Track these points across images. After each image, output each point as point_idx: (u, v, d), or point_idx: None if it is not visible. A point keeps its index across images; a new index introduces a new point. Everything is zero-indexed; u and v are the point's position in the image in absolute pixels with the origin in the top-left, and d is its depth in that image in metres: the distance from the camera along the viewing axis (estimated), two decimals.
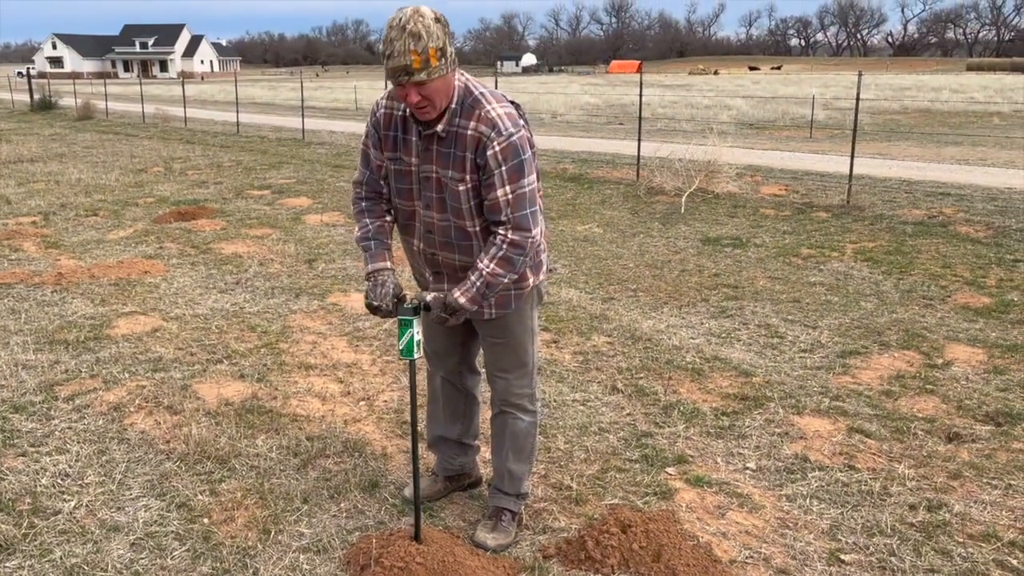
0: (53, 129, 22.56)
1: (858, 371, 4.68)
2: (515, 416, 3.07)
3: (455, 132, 2.62)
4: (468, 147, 2.60)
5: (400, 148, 2.74)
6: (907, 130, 22.37)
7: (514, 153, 2.60)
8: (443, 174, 2.67)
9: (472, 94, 2.62)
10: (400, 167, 2.77)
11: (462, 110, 2.61)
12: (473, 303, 2.70)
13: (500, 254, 2.66)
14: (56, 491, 3.42)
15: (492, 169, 2.59)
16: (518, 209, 2.64)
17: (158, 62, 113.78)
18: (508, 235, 2.64)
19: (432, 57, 2.44)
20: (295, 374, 4.70)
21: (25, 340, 5.19)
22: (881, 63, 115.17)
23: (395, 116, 2.75)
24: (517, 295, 2.88)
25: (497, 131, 2.58)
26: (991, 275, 6.64)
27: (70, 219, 9.25)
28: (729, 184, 10.52)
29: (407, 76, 2.44)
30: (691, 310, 5.86)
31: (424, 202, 2.76)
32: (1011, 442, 3.80)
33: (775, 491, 3.44)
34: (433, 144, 2.66)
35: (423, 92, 2.49)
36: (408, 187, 2.78)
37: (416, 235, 2.87)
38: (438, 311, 2.71)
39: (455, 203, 2.68)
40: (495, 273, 2.67)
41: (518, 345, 2.98)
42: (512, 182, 2.61)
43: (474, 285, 2.68)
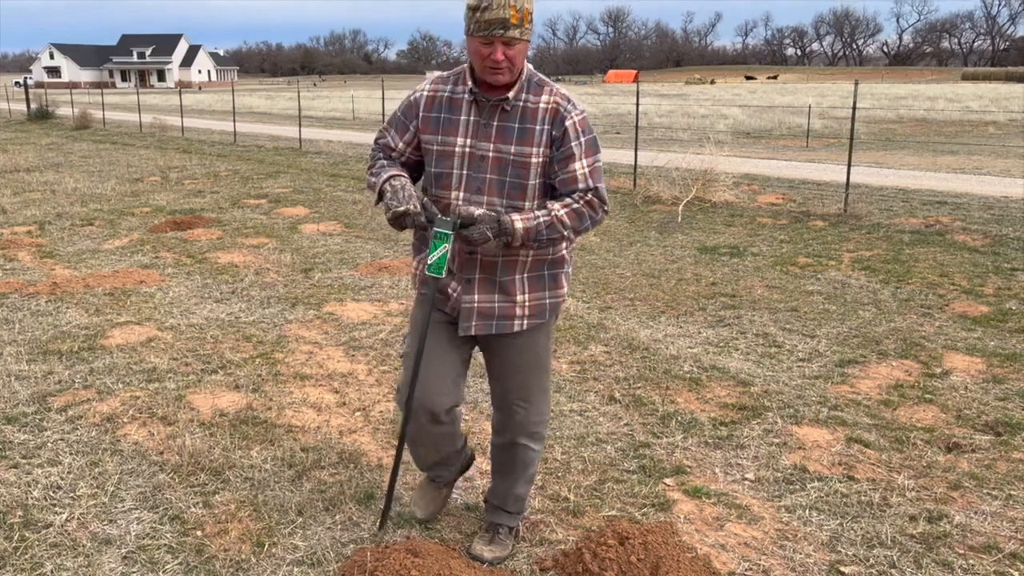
0: (50, 139, 22.54)
1: (856, 380, 4.66)
2: (528, 447, 2.95)
3: (522, 106, 2.57)
4: (542, 119, 2.56)
5: (443, 128, 2.64)
6: (903, 139, 22.43)
7: (589, 128, 2.60)
8: (505, 150, 2.58)
9: (537, 75, 2.63)
10: (443, 148, 2.65)
11: (530, 86, 2.59)
12: (527, 235, 2.54)
13: (575, 205, 2.57)
14: (48, 503, 3.38)
15: (571, 140, 2.55)
16: (598, 180, 2.60)
17: (156, 72, 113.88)
18: (587, 195, 2.58)
19: (527, 18, 2.45)
20: (290, 384, 4.67)
21: (19, 350, 5.16)
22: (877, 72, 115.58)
23: (440, 97, 2.67)
24: (553, 305, 2.79)
25: (573, 104, 2.58)
26: (989, 284, 6.63)
27: (66, 229, 9.22)
28: (726, 193, 10.52)
29: (503, 30, 2.41)
30: (688, 319, 5.84)
31: (473, 187, 2.62)
32: (1011, 452, 3.77)
33: (774, 502, 3.41)
34: (495, 118, 2.59)
35: (508, 53, 2.46)
36: (448, 171, 2.65)
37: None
38: (484, 227, 2.52)
39: (519, 180, 2.58)
40: (561, 219, 2.56)
41: (544, 367, 2.87)
42: (588, 155, 2.58)
43: (538, 218, 2.55)
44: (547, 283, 2.77)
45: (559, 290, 2.80)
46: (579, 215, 2.57)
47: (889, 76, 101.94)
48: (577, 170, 2.56)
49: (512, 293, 2.72)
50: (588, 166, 2.57)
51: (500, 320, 2.74)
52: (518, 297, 2.72)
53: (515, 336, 2.78)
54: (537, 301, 2.75)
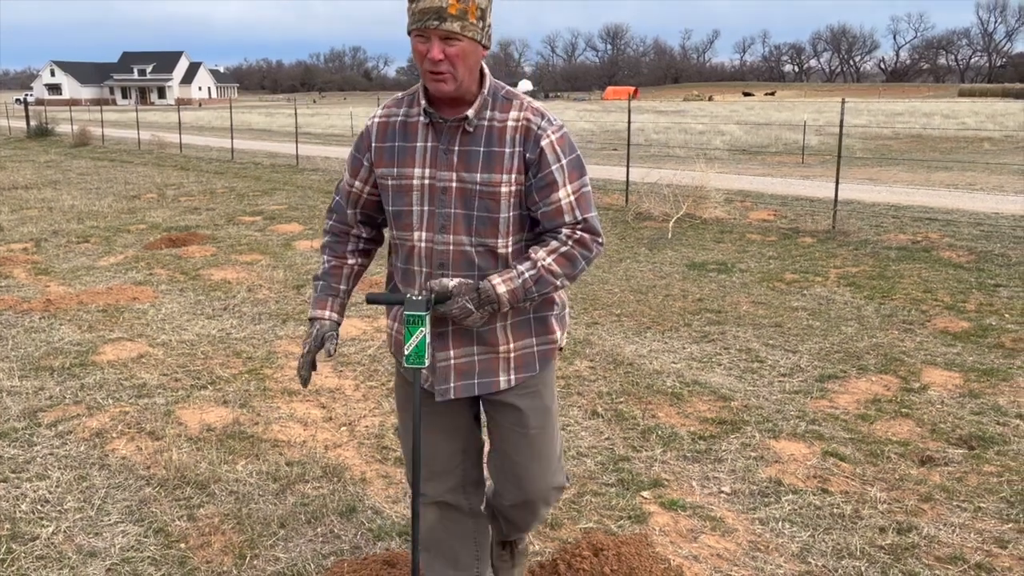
0: (49, 156, 22.68)
1: (835, 395, 4.73)
2: (538, 510, 2.57)
3: (487, 126, 2.20)
4: (512, 140, 2.19)
5: (398, 159, 2.26)
6: (898, 155, 22.57)
7: (570, 146, 2.23)
8: (469, 180, 2.20)
9: (504, 87, 2.26)
10: (399, 181, 2.26)
11: (495, 102, 2.22)
12: (513, 297, 2.20)
13: (563, 249, 2.21)
14: (35, 517, 3.44)
15: (550, 163, 2.18)
16: (587, 210, 2.23)
17: (156, 89, 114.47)
18: (576, 232, 2.22)
19: (471, 12, 2.07)
20: (278, 400, 4.74)
21: (11, 367, 5.23)
22: (874, 89, 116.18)
23: (393, 123, 2.29)
24: (542, 353, 2.38)
25: (548, 120, 2.21)
26: (971, 300, 6.70)
27: (61, 246, 9.30)
28: (717, 210, 10.62)
29: (437, 21, 2.04)
30: (674, 335, 5.91)
31: (438, 225, 2.24)
32: (982, 465, 3.84)
33: (748, 514, 3.47)
34: (455, 143, 2.21)
35: (448, 51, 2.07)
36: (407, 207, 2.26)
37: (416, 280, 2.32)
38: (464, 300, 2.17)
39: (488, 213, 2.21)
40: (551, 269, 2.20)
41: (553, 427, 2.46)
42: (573, 180, 2.21)
43: (521, 275, 2.19)
44: (534, 328, 2.37)
45: (550, 335, 2.40)
46: (570, 259, 2.22)
47: (886, 92, 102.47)
48: (561, 199, 2.20)
49: (494, 343, 2.32)
50: (574, 193, 2.21)
51: (483, 378, 2.35)
52: (501, 347, 2.33)
53: (506, 396, 2.37)
54: (524, 350, 2.35)
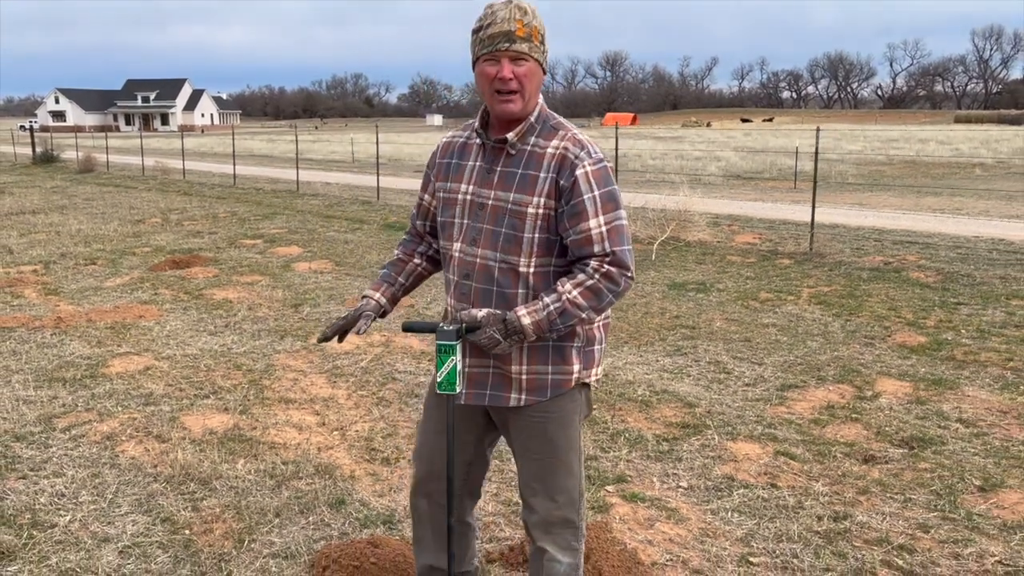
0: (55, 182, 23.16)
1: (793, 402, 5.09)
2: (552, 558, 2.50)
3: (529, 151, 2.32)
4: (548, 166, 2.29)
5: (452, 175, 2.46)
6: (890, 181, 22.98)
7: (606, 179, 2.28)
8: (504, 198, 2.32)
9: (555, 118, 2.38)
10: (448, 195, 2.45)
11: (542, 129, 2.34)
12: (537, 329, 2.26)
13: (589, 282, 2.25)
14: (53, 508, 3.80)
15: (582, 193, 2.25)
16: (617, 243, 2.26)
17: (159, 115, 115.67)
18: (604, 265, 2.25)
19: (535, 35, 2.25)
20: (275, 407, 5.09)
21: (26, 378, 5.59)
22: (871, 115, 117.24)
23: (455, 143, 2.51)
24: (555, 382, 2.40)
25: (588, 152, 2.29)
26: (932, 317, 7.08)
27: (69, 267, 9.69)
28: (700, 233, 11.02)
29: (508, 43, 2.21)
30: (649, 348, 6.28)
31: (470, 237, 2.38)
32: (919, 463, 4.19)
33: (702, 506, 3.81)
34: (498, 163, 2.35)
35: (517, 71, 2.24)
36: (451, 220, 2.43)
37: (449, 288, 2.47)
38: (492, 331, 2.27)
39: (514, 231, 2.30)
40: (576, 302, 2.24)
41: (560, 462, 2.46)
42: (607, 212, 2.26)
43: (547, 307, 2.25)
44: (551, 356, 2.38)
45: (566, 366, 2.40)
46: (596, 293, 2.25)
47: (883, 119, 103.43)
48: (592, 229, 2.25)
49: (507, 362, 2.38)
50: (606, 224, 2.25)
51: (494, 391, 2.43)
52: (513, 367, 2.38)
53: (519, 414, 2.45)
54: (536, 375, 2.39)
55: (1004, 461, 4.20)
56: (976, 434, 4.55)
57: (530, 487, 2.51)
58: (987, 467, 4.13)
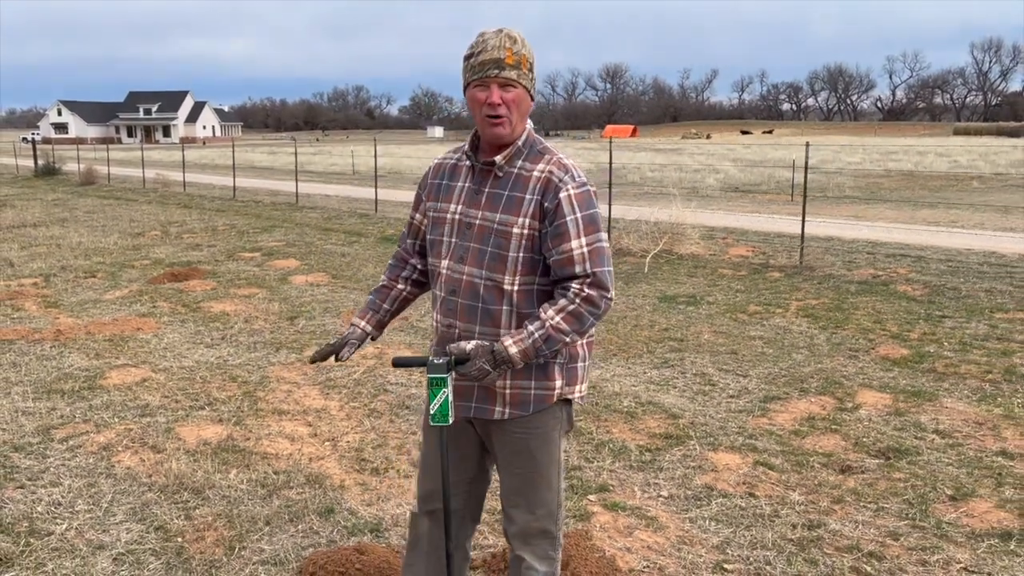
0: (56, 194, 23.33)
1: (775, 414, 5.20)
2: (530, 566, 2.60)
3: (516, 173, 2.44)
4: (534, 188, 2.40)
5: (442, 195, 2.57)
6: (887, 193, 23.07)
7: (588, 202, 2.39)
8: (490, 218, 2.43)
9: (541, 143, 2.50)
10: (438, 214, 2.57)
11: (529, 153, 2.46)
12: (524, 357, 2.36)
13: (570, 307, 2.35)
14: (50, 516, 3.91)
15: (564, 215, 2.36)
16: (597, 264, 2.37)
17: (161, 128, 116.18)
18: (584, 289, 2.35)
19: (524, 63, 2.37)
20: (269, 419, 5.21)
21: (25, 390, 5.70)
22: (870, 127, 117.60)
23: (446, 164, 2.63)
24: (538, 397, 2.49)
25: (571, 176, 2.40)
26: (916, 330, 7.19)
27: (69, 280, 9.82)
28: (693, 246, 11.14)
29: (497, 70, 2.34)
30: (637, 361, 6.39)
31: (457, 255, 2.49)
32: (893, 473, 4.30)
33: (681, 515, 3.92)
34: (486, 185, 2.47)
35: (506, 96, 2.36)
36: (440, 238, 2.54)
37: (436, 304, 2.58)
38: (481, 362, 2.36)
39: (500, 250, 2.41)
40: (559, 328, 2.35)
41: (540, 476, 2.56)
42: (588, 234, 2.37)
43: (532, 335, 2.35)
44: (534, 372, 2.47)
45: (548, 382, 2.49)
46: (577, 317, 2.35)
47: (882, 131, 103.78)
48: (573, 250, 2.35)
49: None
50: (587, 245, 2.35)
51: (479, 404, 2.52)
52: (497, 382, 2.47)
53: (502, 428, 2.54)
54: (520, 390, 2.48)
55: (976, 471, 4.31)
56: (951, 445, 4.66)
57: (511, 499, 2.60)
58: (960, 477, 4.24)
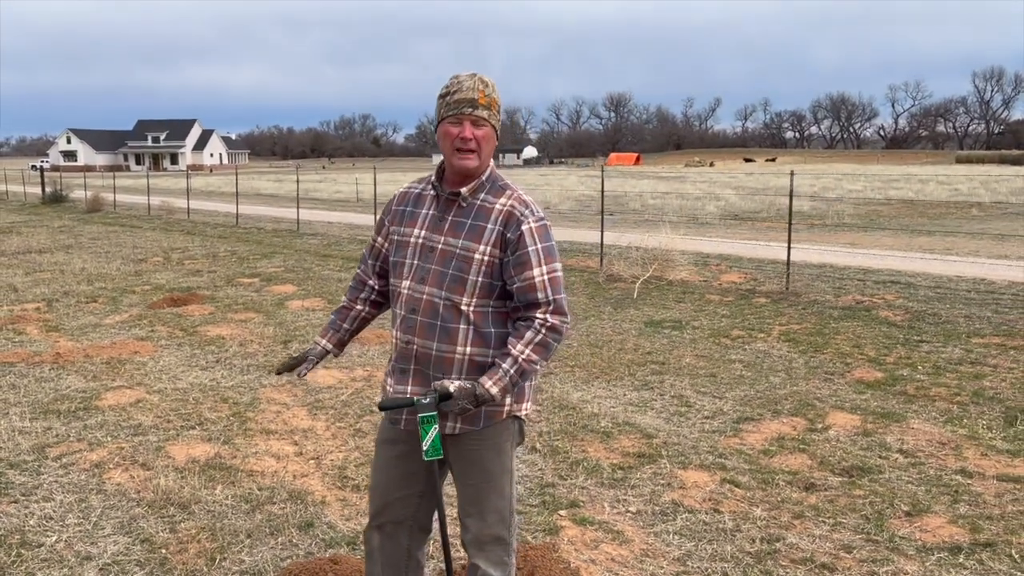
0: (62, 221, 23.65)
1: (747, 434, 5.35)
2: (485, 573, 2.76)
3: (479, 204, 2.64)
4: (496, 219, 2.60)
5: (406, 220, 2.76)
6: (886, 221, 23.21)
7: (547, 235, 2.62)
8: (453, 244, 2.62)
9: (503, 180, 2.70)
10: (401, 238, 2.75)
11: (492, 187, 2.66)
12: (504, 393, 2.58)
13: (537, 339, 2.56)
14: (41, 529, 4.08)
15: (527, 245, 2.57)
16: (557, 292, 2.60)
17: (169, 155, 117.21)
18: (548, 318, 2.57)
19: (494, 105, 2.61)
20: (257, 438, 5.38)
21: (23, 410, 5.89)
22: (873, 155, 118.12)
23: (411, 193, 2.81)
24: (488, 414, 2.67)
25: (531, 211, 2.62)
26: (893, 354, 7.35)
27: (71, 305, 10.04)
28: (683, 272, 11.33)
29: (471, 108, 2.56)
30: (618, 383, 6.56)
31: (419, 276, 2.66)
32: (854, 490, 4.45)
33: (646, 529, 4.08)
34: (450, 213, 2.66)
35: (477, 133, 2.57)
36: (403, 260, 2.72)
37: (396, 322, 2.74)
38: (464, 402, 2.54)
39: (461, 273, 2.60)
40: (530, 359, 2.56)
41: (492, 486, 2.72)
42: (548, 263, 2.59)
43: (507, 373, 2.56)
44: None
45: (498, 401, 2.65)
46: (544, 346, 2.58)
47: (885, 159, 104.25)
48: (535, 278, 2.57)
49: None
50: (548, 274, 2.58)
51: None
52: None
53: (456, 442, 2.70)
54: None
55: (935, 489, 4.46)
56: (913, 463, 4.81)
57: (465, 508, 2.76)
58: (917, 494, 4.39)
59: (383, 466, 2.82)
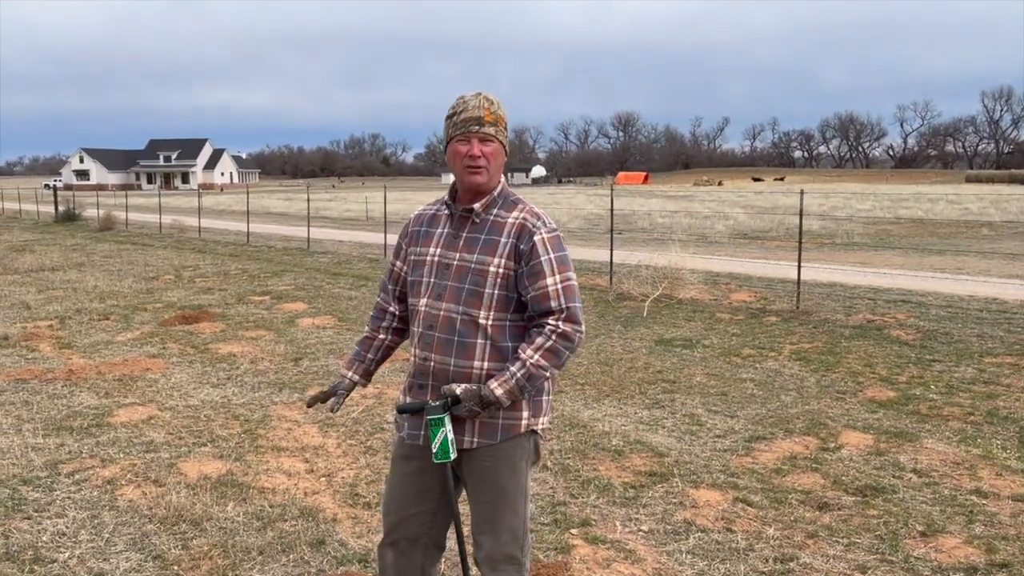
0: (75, 239, 23.80)
1: (759, 453, 5.33)
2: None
3: (492, 220, 2.68)
4: (509, 232, 2.64)
5: (421, 240, 2.81)
6: (896, 240, 23.11)
7: (559, 245, 2.66)
8: (468, 259, 2.66)
9: (514, 195, 2.76)
10: (418, 257, 2.79)
11: (504, 202, 2.72)
12: (510, 396, 2.58)
13: (547, 344, 2.58)
14: (54, 545, 4.09)
15: (539, 255, 2.61)
16: (570, 300, 2.62)
17: (180, 174, 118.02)
18: (559, 325, 2.59)
19: (500, 122, 2.68)
20: (268, 455, 5.39)
21: (35, 427, 5.92)
22: (882, 175, 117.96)
23: (426, 214, 2.87)
24: (505, 427, 2.67)
25: (543, 222, 2.66)
26: (905, 373, 7.32)
27: (84, 323, 10.09)
28: (694, 291, 11.32)
29: (478, 126, 2.63)
30: (628, 401, 6.55)
31: (435, 293, 2.69)
32: (868, 509, 4.42)
33: (659, 548, 4.06)
34: (464, 230, 2.71)
35: (484, 150, 2.64)
36: (420, 279, 2.76)
37: (414, 340, 2.76)
38: (470, 405, 2.57)
39: (477, 287, 2.63)
40: (539, 364, 2.57)
41: (506, 503, 2.71)
42: (561, 272, 2.62)
43: (514, 376, 2.57)
44: None
45: (516, 413, 2.67)
46: (555, 353, 2.58)
47: (894, 178, 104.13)
48: (549, 286, 2.59)
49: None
50: (561, 283, 2.60)
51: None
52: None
53: (471, 457, 2.70)
54: (488, 420, 2.65)
55: (949, 509, 4.43)
56: (927, 483, 4.78)
57: (478, 526, 2.75)
58: (932, 514, 4.36)
59: (398, 482, 2.83)
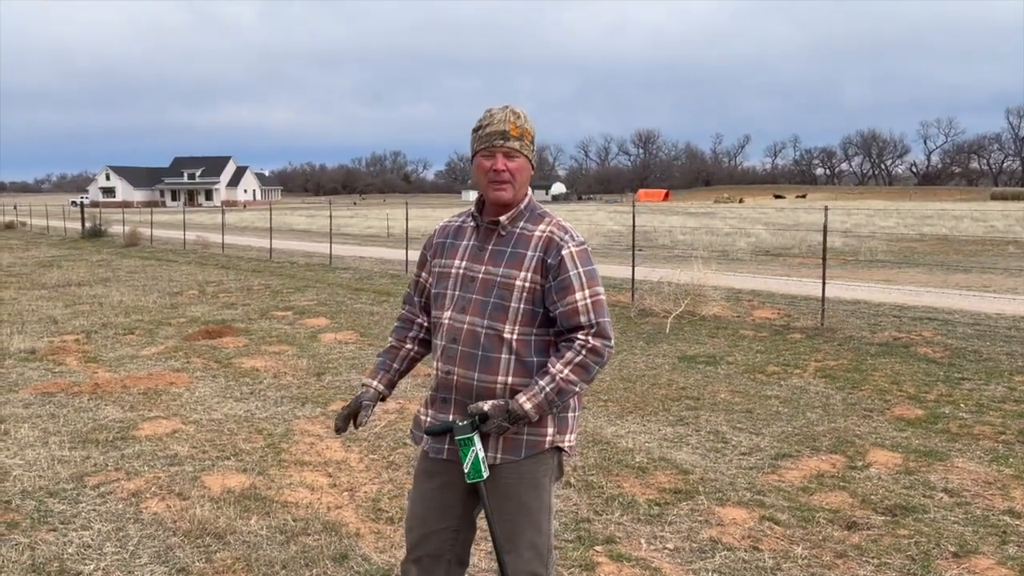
0: (101, 255, 24.08)
1: (785, 471, 5.27)
2: None
3: (518, 233, 2.65)
4: (535, 246, 2.61)
5: (446, 252, 2.77)
6: (921, 258, 22.89)
7: (588, 259, 2.61)
8: (494, 272, 2.63)
9: (541, 208, 2.71)
10: (442, 269, 2.76)
11: (530, 215, 2.68)
12: (539, 411, 2.54)
13: (577, 359, 2.54)
14: (79, 557, 4.10)
15: (568, 269, 2.56)
16: (600, 315, 2.58)
17: (204, 191, 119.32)
18: (590, 340, 2.55)
19: (526, 135, 2.63)
20: (291, 469, 5.39)
21: (62, 440, 5.96)
22: (905, 192, 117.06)
23: (451, 226, 2.84)
24: (530, 443, 2.63)
25: (571, 236, 2.62)
26: (934, 391, 7.21)
27: (109, 337, 10.18)
28: (716, 307, 11.25)
29: (502, 140, 2.59)
30: (652, 418, 6.50)
31: (460, 306, 2.66)
32: (899, 529, 4.35)
33: (685, 567, 4.01)
34: (489, 243, 2.68)
35: (509, 164, 2.60)
36: (444, 291, 2.72)
37: (437, 353, 2.73)
38: (499, 420, 2.54)
39: (502, 301, 2.60)
40: (569, 379, 2.54)
41: (528, 521, 2.66)
42: (590, 287, 2.58)
43: (543, 390, 2.53)
44: None
45: (541, 429, 2.63)
46: (584, 368, 2.55)
47: (917, 196, 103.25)
48: (578, 301, 2.55)
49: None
50: (590, 297, 2.56)
51: None
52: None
53: (494, 474, 2.63)
54: (513, 436, 2.61)
55: (982, 529, 4.34)
56: (959, 503, 4.70)
57: (502, 546, 2.68)
58: (964, 534, 4.28)
59: (421, 498, 2.79)
